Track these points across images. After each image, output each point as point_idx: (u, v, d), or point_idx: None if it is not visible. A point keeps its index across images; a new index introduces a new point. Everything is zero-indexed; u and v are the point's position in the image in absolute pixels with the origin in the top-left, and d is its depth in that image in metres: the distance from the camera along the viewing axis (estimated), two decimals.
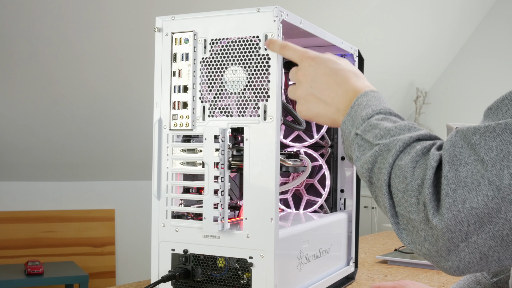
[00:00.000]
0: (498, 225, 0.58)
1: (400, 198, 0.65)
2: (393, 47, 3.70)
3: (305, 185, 1.31)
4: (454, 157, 0.60)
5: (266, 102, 0.96)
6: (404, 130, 0.70)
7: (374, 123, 0.73)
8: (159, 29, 1.04)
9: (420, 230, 0.63)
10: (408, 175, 0.64)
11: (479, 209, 0.58)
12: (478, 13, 3.94)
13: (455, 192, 0.59)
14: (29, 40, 2.53)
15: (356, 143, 0.73)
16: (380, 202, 0.69)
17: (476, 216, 0.58)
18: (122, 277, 3.61)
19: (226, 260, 0.99)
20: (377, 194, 0.69)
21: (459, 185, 0.59)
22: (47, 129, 3.02)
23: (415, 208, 0.63)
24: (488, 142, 0.59)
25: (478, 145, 0.59)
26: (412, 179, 0.63)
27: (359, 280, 1.36)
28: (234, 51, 0.99)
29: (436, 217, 0.60)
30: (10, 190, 3.31)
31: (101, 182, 3.53)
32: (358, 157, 0.72)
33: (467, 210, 0.59)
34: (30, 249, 3.33)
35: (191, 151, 1.03)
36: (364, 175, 0.71)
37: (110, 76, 2.85)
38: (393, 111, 0.76)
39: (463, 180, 0.59)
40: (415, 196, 0.63)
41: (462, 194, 0.59)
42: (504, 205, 0.57)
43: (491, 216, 0.58)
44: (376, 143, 0.70)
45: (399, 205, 0.65)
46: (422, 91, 4.12)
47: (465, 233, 0.59)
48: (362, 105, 0.76)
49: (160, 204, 1.04)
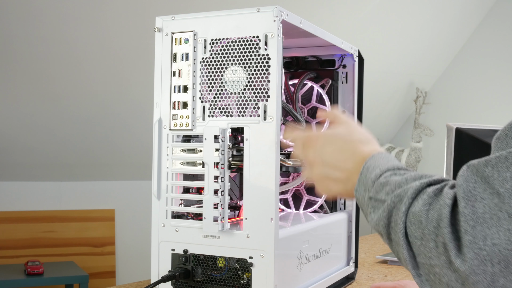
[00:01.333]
0: None
1: (419, 246, 0.62)
2: (393, 47, 3.69)
3: (305, 185, 1.31)
4: (468, 192, 0.57)
5: (266, 102, 0.96)
6: (415, 179, 0.68)
7: (384, 181, 0.71)
8: (159, 29, 1.04)
9: (442, 276, 0.59)
10: (423, 219, 0.61)
11: (502, 246, 0.55)
12: (478, 13, 3.94)
13: (474, 229, 0.56)
14: (29, 40, 2.53)
15: (371, 206, 0.71)
16: (401, 258, 0.66)
17: (499, 254, 0.55)
18: (122, 277, 3.61)
19: (226, 260, 0.99)
20: (398, 249, 0.66)
21: (477, 222, 0.56)
22: (47, 129, 3.02)
23: (434, 253, 0.59)
24: (502, 173, 0.56)
25: (492, 177, 0.56)
26: (428, 222, 0.60)
27: (359, 280, 1.36)
28: (234, 51, 0.99)
29: (459, 258, 0.57)
30: (10, 190, 3.31)
31: (101, 182, 3.53)
32: (373, 218, 0.70)
33: (489, 248, 0.55)
34: (30, 249, 3.33)
35: (191, 151, 1.03)
36: (383, 233, 0.68)
37: (110, 76, 2.85)
38: (401, 166, 0.74)
39: (481, 216, 0.56)
40: (432, 240, 0.60)
41: (481, 230, 0.55)
42: None
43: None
44: (388, 198, 0.68)
45: (419, 254, 0.62)
46: (422, 91, 4.12)
47: (490, 275, 0.55)
48: (371, 168, 0.74)
49: (160, 204, 1.04)
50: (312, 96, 1.28)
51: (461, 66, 4.09)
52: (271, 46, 0.96)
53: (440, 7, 3.62)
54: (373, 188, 0.72)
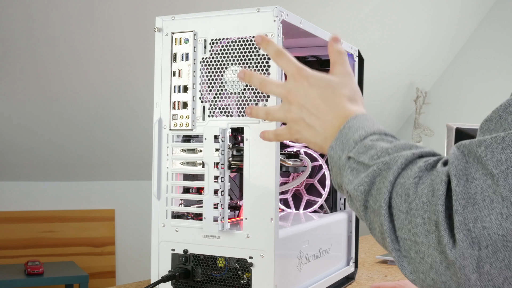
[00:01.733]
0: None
1: (403, 220, 0.59)
2: (393, 47, 3.69)
3: (305, 185, 1.30)
4: (460, 171, 0.55)
5: (266, 102, 0.96)
6: (404, 148, 0.64)
7: (369, 144, 0.67)
8: (159, 29, 1.04)
9: (426, 255, 0.57)
10: (410, 192, 0.58)
11: (492, 230, 0.52)
12: (478, 13, 3.94)
13: (465, 209, 0.53)
14: (29, 40, 2.53)
15: (348, 167, 0.67)
16: (377, 228, 0.63)
17: (489, 239, 0.52)
18: (122, 277, 3.61)
19: (226, 260, 0.99)
20: (373, 219, 0.63)
21: (468, 202, 0.53)
22: (47, 129, 3.02)
23: (421, 230, 0.57)
24: (496, 154, 0.53)
25: (485, 158, 0.54)
26: (416, 196, 0.58)
27: (359, 280, 1.36)
28: (234, 51, 0.99)
29: (451, 239, 0.54)
30: (10, 190, 3.31)
31: (101, 182, 3.53)
32: (351, 180, 0.66)
33: (478, 230, 0.53)
34: (30, 249, 3.33)
35: (191, 151, 1.03)
36: (359, 198, 0.64)
37: (110, 76, 2.85)
38: (388, 132, 0.70)
39: (473, 197, 0.53)
40: (420, 216, 0.57)
41: (472, 211, 0.53)
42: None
43: (506, 239, 0.52)
44: (373, 163, 0.64)
45: (401, 228, 0.59)
46: (422, 91, 4.12)
47: (476, 259, 0.53)
48: (354, 128, 0.70)
49: (160, 204, 1.04)
50: None
51: (461, 66, 4.09)
52: None
53: (440, 7, 3.62)
54: (354, 149, 0.67)
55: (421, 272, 0.58)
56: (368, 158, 0.65)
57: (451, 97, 4.12)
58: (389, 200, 0.60)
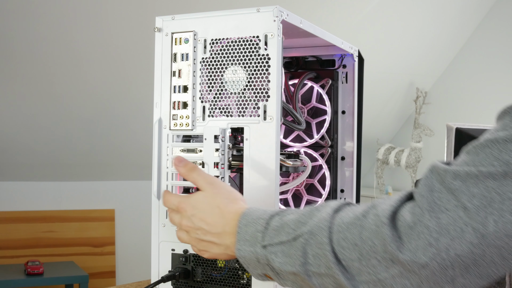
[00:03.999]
0: (484, 267, 0.58)
1: (358, 266, 0.64)
2: (393, 47, 3.69)
3: (305, 185, 1.31)
4: (433, 203, 0.59)
5: (266, 102, 0.96)
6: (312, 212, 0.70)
7: (277, 225, 0.72)
8: (159, 29, 1.04)
9: (395, 284, 0.62)
10: (357, 241, 0.64)
11: (463, 256, 0.58)
12: (478, 13, 3.94)
13: (438, 242, 0.58)
14: (29, 40, 2.53)
15: (271, 253, 0.72)
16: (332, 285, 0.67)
17: (461, 262, 0.58)
18: (122, 277, 3.61)
19: (226, 260, 0.99)
20: (322, 281, 0.67)
21: (441, 234, 0.58)
22: (47, 129, 3.02)
23: (380, 268, 0.62)
24: (471, 188, 0.58)
25: (459, 191, 0.58)
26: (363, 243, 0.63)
27: None
28: (234, 51, 0.99)
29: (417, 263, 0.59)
30: (10, 190, 3.31)
31: (101, 182, 3.53)
32: (284, 261, 0.70)
33: (452, 258, 0.58)
34: (30, 249, 3.33)
35: (191, 151, 1.02)
36: (299, 272, 0.69)
37: (110, 76, 2.85)
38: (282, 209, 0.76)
39: (445, 228, 0.58)
40: (374, 258, 0.62)
41: (445, 242, 0.58)
42: (489, 250, 0.57)
43: (476, 261, 0.58)
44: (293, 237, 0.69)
45: (359, 273, 0.64)
46: (422, 91, 4.12)
47: (450, 277, 0.59)
48: (250, 222, 0.76)
49: (160, 204, 1.04)
50: (312, 96, 1.28)
51: (461, 66, 4.10)
52: (271, 46, 0.96)
53: (440, 7, 3.62)
54: (266, 237, 0.72)
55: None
56: (285, 235, 0.70)
57: (451, 97, 4.12)
58: (335, 257, 0.65)
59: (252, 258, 0.74)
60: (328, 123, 1.27)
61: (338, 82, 1.30)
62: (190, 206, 0.84)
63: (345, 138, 1.30)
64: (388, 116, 4.23)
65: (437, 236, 0.58)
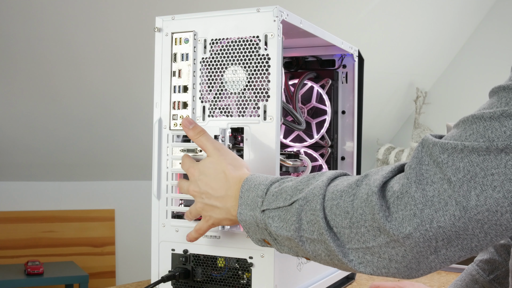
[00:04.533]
0: (466, 240, 0.60)
1: (349, 234, 0.66)
2: (393, 47, 3.69)
3: None
4: (421, 175, 0.61)
5: (266, 102, 0.96)
6: (309, 180, 0.73)
7: (276, 191, 0.75)
8: (159, 29, 1.04)
9: (382, 253, 0.64)
10: (349, 209, 0.66)
11: (446, 228, 0.59)
12: (478, 13, 3.94)
13: (423, 212, 0.60)
14: (29, 40, 2.53)
15: (269, 217, 0.75)
16: (322, 253, 0.70)
17: (443, 234, 0.60)
18: (122, 277, 3.61)
19: (226, 260, 0.99)
20: (314, 247, 0.70)
21: (426, 205, 0.60)
22: (47, 129, 3.02)
23: (368, 236, 0.64)
24: (456, 162, 0.59)
25: (446, 165, 0.60)
26: (354, 211, 0.65)
27: (359, 280, 1.36)
28: (234, 51, 0.99)
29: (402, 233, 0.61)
30: (10, 190, 3.31)
31: (101, 182, 3.53)
32: (280, 225, 0.73)
33: (434, 230, 0.60)
34: (30, 249, 3.33)
35: (191, 151, 1.02)
36: (293, 237, 0.71)
37: (110, 76, 2.85)
38: (283, 176, 0.80)
39: (430, 199, 0.60)
40: (363, 226, 0.65)
41: (429, 213, 0.60)
42: (471, 224, 0.58)
43: (459, 233, 0.59)
44: (290, 203, 0.72)
45: (349, 241, 0.66)
46: (422, 91, 4.12)
47: (434, 248, 0.61)
48: (251, 187, 0.79)
49: (160, 204, 1.04)
50: (312, 96, 1.28)
51: (461, 66, 4.09)
52: (271, 46, 0.96)
53: (440, 7, 3.62)
54: (264, 201, 0.76)
55: (382, 267, 0.66)
56: (282, 201, 0.73)
57: (451, 97, 4.12)
58: (327, 223, 0.68)
59: (252, 222, 0.78)
60: (328, 123, 1.27)
61: (338, 82, 1.30)
62: (197, 170, 0.88)
63: (345, 138, 1.31)
64: (388, 116, 4.23)
65: (422, 207, 0.60)
